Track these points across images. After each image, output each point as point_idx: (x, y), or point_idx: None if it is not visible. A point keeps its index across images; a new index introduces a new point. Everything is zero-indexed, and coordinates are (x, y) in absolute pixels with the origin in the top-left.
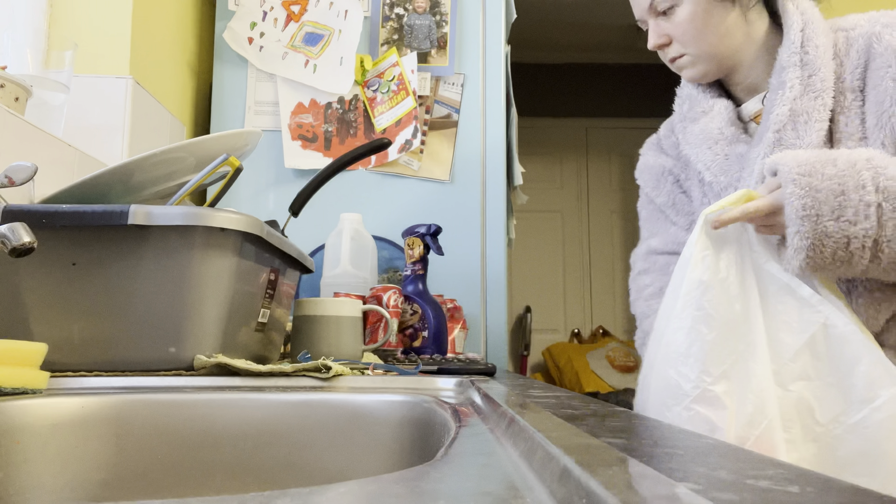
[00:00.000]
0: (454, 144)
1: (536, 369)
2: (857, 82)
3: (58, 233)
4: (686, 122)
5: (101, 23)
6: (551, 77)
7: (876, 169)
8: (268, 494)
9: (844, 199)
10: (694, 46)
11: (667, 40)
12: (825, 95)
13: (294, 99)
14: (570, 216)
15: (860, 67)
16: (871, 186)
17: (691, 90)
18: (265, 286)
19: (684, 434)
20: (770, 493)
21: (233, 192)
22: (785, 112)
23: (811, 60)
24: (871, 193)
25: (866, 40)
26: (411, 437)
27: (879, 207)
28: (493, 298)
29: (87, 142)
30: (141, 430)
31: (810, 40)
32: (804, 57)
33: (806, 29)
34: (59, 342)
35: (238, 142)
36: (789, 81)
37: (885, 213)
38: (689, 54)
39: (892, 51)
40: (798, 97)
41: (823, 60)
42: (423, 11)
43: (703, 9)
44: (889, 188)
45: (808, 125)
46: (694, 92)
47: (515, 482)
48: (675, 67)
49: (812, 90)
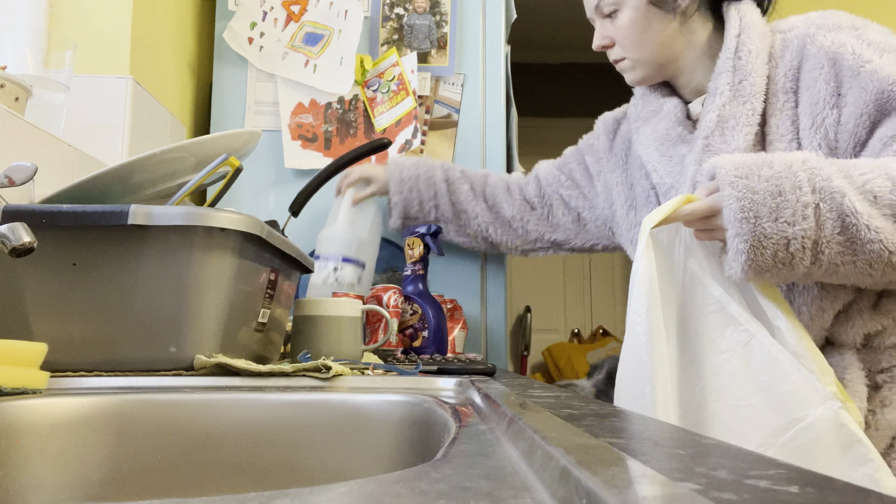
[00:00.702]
0: (454, 144)
1: (536, 369)
2: (790, 84)
3: (58, 233)
4: (639, 122)
5: (101, 23)
6: (551, 77)
7: (812, 170)
8: (268, 494)
9: (782, 199)
10: (633, 51)
11: (610, 42)
12: (754, 100)
13: (294, 99)
14: None
15: (793, 69)
16: (807, 187)
17: (644, 90)
18: (265, 286)
19: (684, 434)
20: (770, 493)
21: (233, 192)
22: (713, 118)
23: (742, 66)
24: (807, 194)
25: (800, 42)
26: (411, 437)
27: (817, 208)
28: (493, 298)
29: (87, 142)
30: (141, 430)
31: (744, 45)
32: (736, 63)
33: (742, 34)
34: (59, 342)
35: (238, 142)
36: (720, 87)
37: (822, 214)
38: (629, 58)
39: (824, 53)
40: (727, 103)
41: (755, 65)
42: (423, 11)
43: (643, 16)
44: (825, 189)
45: (736, 130)
46: (646, 91)
47: (515, 482)
48: (619, 69)
49: (741, 95)
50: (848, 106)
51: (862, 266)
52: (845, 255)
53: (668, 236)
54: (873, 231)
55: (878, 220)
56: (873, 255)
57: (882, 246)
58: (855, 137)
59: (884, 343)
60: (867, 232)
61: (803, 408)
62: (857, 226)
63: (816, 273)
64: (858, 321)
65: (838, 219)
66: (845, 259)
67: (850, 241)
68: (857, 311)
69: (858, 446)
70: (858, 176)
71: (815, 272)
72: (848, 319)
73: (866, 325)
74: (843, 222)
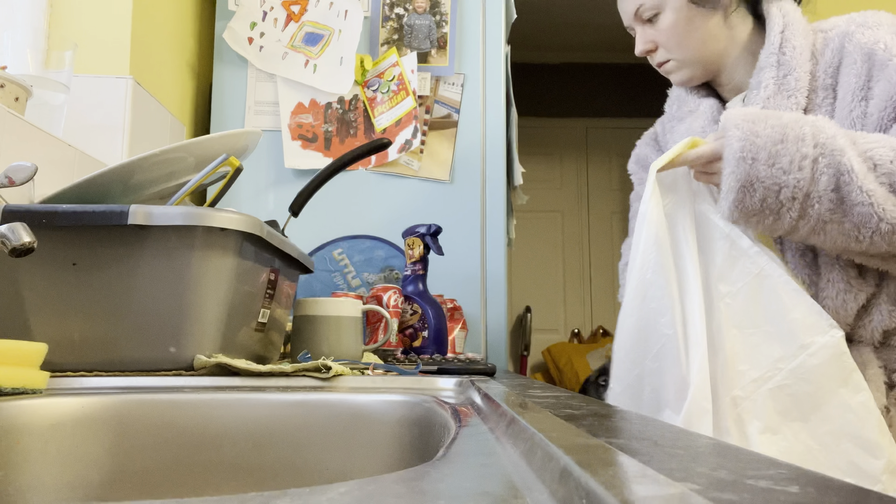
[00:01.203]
0: (454, 144)
1: (536, 369)
2: (829, 80)
3: (58, 233)
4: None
5: (101, 23)
6: (551, 77)
7: (818, 127)
8: (268, 494)
9: (783, 146)
10: (678, 52)
11: (653, 46)
12: (798, 94)
13: (294, 99)
14: (570, 216)
15: (833, 66)
16: (810, 140)
17: (680, 91)
18: (265, 286)
19: (684, 434)
20: (770, 493)
21: (233, 192)
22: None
23: (787, 61)
24: (809, 147)
25: (840, 40)
26: (411, 437)
27: (815, 161)
28: (493, 298)
29: (87, 142)
30: (141, 430)
31: (788, 41)
32: (781, 58)
33: (786, 31)
34: (59, 342)
35: (238, 142)
36: (764, 81)
37: (819, 168)
38: (674, 59)
39: (860, 49)
40: (772, 96)
41: (799, 61)
42: (423, 11)
43: (685, 16)
44: (827, 144)
45: None
46: (682, 93)
47: (515, 482)
48: (663, 72)
49: (786, 89)
50: (875, 98)
51: (849, 228)
52: (834, 213)
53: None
54: (865, 193)
55: (871, 184)
56: (863, 217)
57: (872, 210)
58: (880, 129)
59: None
60: (859, 193)
61: (811, 334)
62: (850, 185)
63: (803, 228)
64: (877, 317)
65: (834, 175)
66: (834, 217)
67: (841, 199)
68: (876, 306)
69: (855, 374)
70: (863, 142)
71: (802, 227)
72: (867, 315)
73: (885, 321)
74: (838, 180)
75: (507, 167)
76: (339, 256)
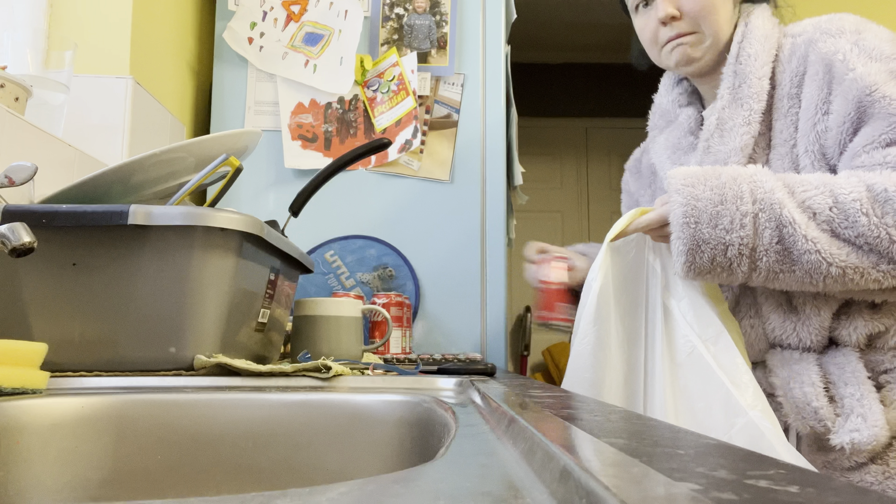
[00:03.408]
0: (454, 144)
1: (536, 369)
2: (794, 89)
3: (58, 233)
4: (655, 132)
5: (101, 23)
6: (551, 77)
7: (756, 182)
8: (268, 494)
9: (723, 207)
10: (706, 24)
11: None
12: (752, 102)
13: (294, 99)
14: (570, 216)
15: (798, 75)
16: (748, 198)
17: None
18: (265, 286)
19: (684, 434)
20: (770, 493)
21: (233, 192)
22: (713, 122)
23: (742, 70)
24: (748, 204)
25: (805, 48)
26: (411, 437)
27: (756, 217)
28: (493, 298)
29: (87, 142)
30: (141, 430)
31: (744, 50)
32: (737, 67)
33: (743, 40)
34: (59, 342)
35: (238, 142)
36: (721, 92)
37: (761, 223)
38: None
39: (821, 59)
40: (726, 106)
41: (753, 68)
42: (423, 11)
43: None
44: (765, 200)
45: (733, 131)
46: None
47: (515, 482)
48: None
49: (739, 98)
50: (833, 113)
51: (801, 276)
52: (783, 264)
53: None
54: (810, 241)
55: (814, 231)
56: (812, 264)
57: (820, 257)
58: (840, 145)
59: (887, 344)
60: (805, 242)
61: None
62: (794, 236)
63: (757, 279)
64: (860, 321)
65: (776, 228)
66: (783, 267)
67: (787, 250)
68: (857, 311)
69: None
70: (801, 192)
71: (756, 278)
72: (849, 319)
73: (868, 325)
74: (781, 232)
75: (507, 167)
76: (332, 258)
